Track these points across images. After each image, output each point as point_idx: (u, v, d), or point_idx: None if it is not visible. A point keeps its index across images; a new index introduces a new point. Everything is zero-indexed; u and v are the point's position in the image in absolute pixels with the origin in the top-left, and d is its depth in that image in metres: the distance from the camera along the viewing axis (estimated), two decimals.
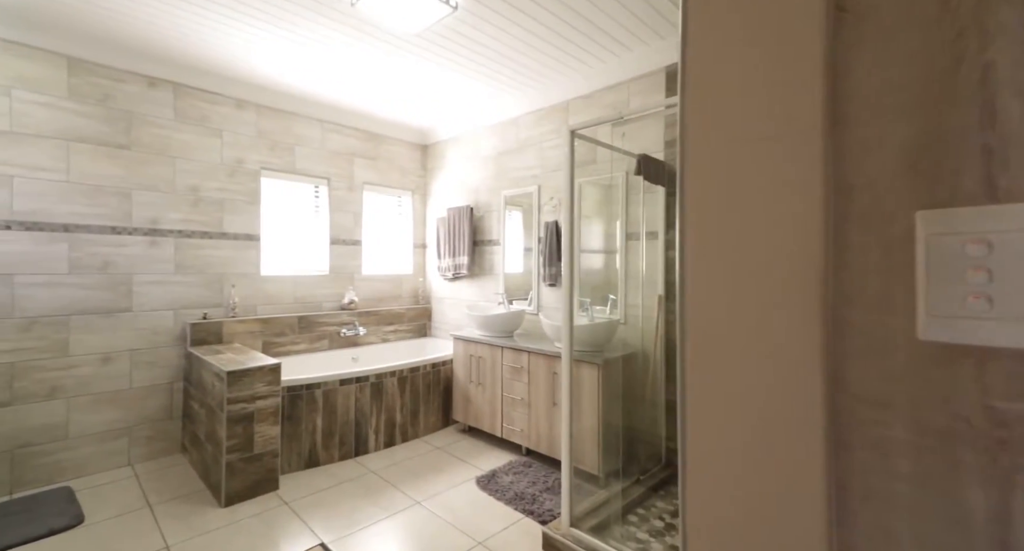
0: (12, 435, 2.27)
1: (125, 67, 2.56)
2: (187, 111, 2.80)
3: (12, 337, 2.27)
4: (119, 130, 2.56)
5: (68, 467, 2.42)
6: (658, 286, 2.46)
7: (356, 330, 3.50)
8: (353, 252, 3.64)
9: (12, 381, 2.27)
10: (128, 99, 2.59)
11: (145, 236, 2.65)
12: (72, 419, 2.44)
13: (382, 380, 2.85)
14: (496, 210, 3.48)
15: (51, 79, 2.35)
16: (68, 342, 2.42)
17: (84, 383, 2.47)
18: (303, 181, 3.37)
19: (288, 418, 2.50)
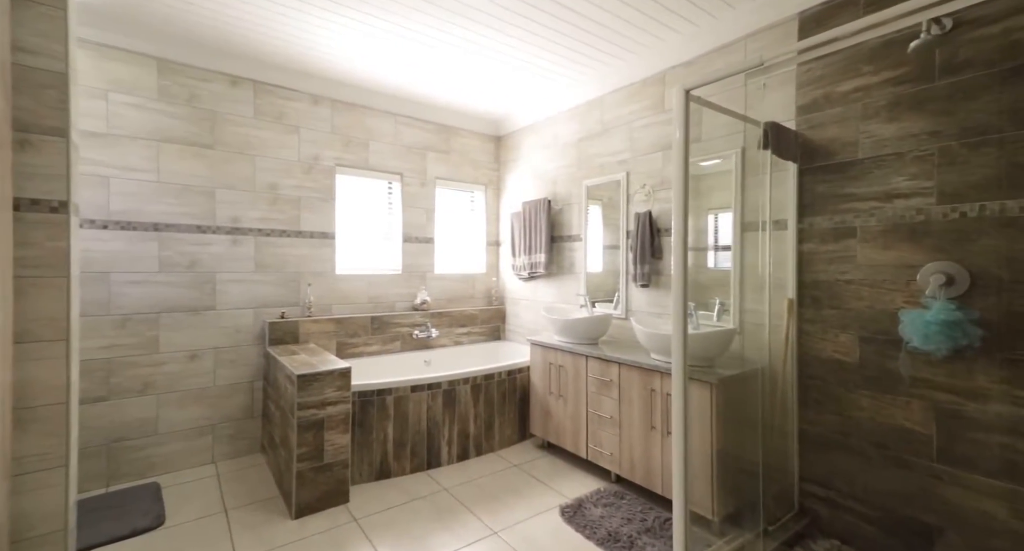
0: (109, 429, 2.34)
1: (210, 66, 2.58)
2: (265, 109, 2.78)
3: (109, 333, 2.34)
4: (204, 130, 2.58)
5: (158, 463, 2.47)
6: (788, 288, 1.98)
7: (428, 332, 3.34)
8: (425, 250, 3.49)
9: (109, 376, 2.34)
10: (212, 98, 2.60)
11: (227, 234, 2.66)
12: (161, 415, 2.48)
13: (455, 387, 2.63)
14: (577, 202, 3.14)
15: (142, 81, 2.41)
16: (158, 339, 2.47)
17: (172, 380, 2.51)
18: (376, 177, 3.27)
19: (359, 425, 2.35)
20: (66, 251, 1.57)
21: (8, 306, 1.43)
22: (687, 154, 1.50)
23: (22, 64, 1.48)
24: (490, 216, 3.88)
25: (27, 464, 1.50)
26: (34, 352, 1.51)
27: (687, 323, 1.53)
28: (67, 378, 1.58)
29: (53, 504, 1.55)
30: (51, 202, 1.53)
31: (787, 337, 1.93)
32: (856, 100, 1.82)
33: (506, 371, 2.86)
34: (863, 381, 1.79)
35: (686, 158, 1.49)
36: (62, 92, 1.55)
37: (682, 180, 1.49)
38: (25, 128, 1.49)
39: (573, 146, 3.16)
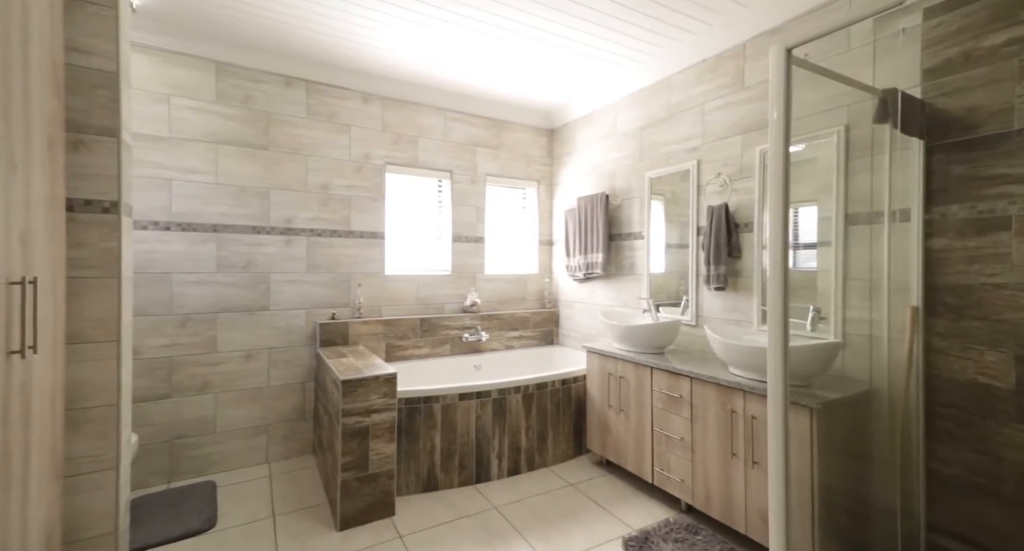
0: (171, 426, 2.39)
1: (264, 68, 2.58)
2: (318, 108, 2.76)
3: (170, 332, 2.39)
4: (259, 131, 2.60)
5: (216, 461, 2.50)
6: (911, 293, 1.61)
7: (478, 335, 3.20)
8: (475, 250, 3.35)
9: (171, 374, 2.40)
10: (267, 99, 2.61)
11: (281, 235, 2.66)
12: (219, 414, 2.51)
13: (505, 396, 2.46)
14: (638, 196, 2.86)
15: (202, 84, 2.44)
16: (216, 339, 2.50)
17: (229, 379, 2.54)
18: (426, 175, 3.18)
19: (406, 434, 2.24)
20: (117, 252, 1.56)
21: (60, 307, 1.44)
22: (788, 127, 1.21)
23: (75, 64, 1.48)
24: (543, 214, 3.68)
25: (80, 465, 1.50)
26: (86, 353, 1.51)
27: (787, 334, 1.25)
28: (118, 380, 1.56)
29: (105, 506, 1.53)
30: (103, 202, 1.52)
31: (910, 354, 1.57)
32: (1011, 56, 1.44)
33: (560, 380, 2.64)
34: (1019, 412, 1.41)
35: (787, 132, 1.21)
36: (113, 92, 1.53)
37: (782, 158, 1.21)
38: (78, 128, 1.49)
39: (634, 135, 2.88)
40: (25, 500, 1.17)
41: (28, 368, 1.18)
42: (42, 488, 1.28)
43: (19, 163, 1.13)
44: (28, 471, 1.19)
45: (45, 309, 1.29)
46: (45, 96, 1.28)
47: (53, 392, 1.36)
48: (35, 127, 1.21)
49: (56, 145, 1.36)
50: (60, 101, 1.39)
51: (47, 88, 1.30)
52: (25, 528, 1.17)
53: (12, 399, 1.09)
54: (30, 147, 1.18)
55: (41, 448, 1.28)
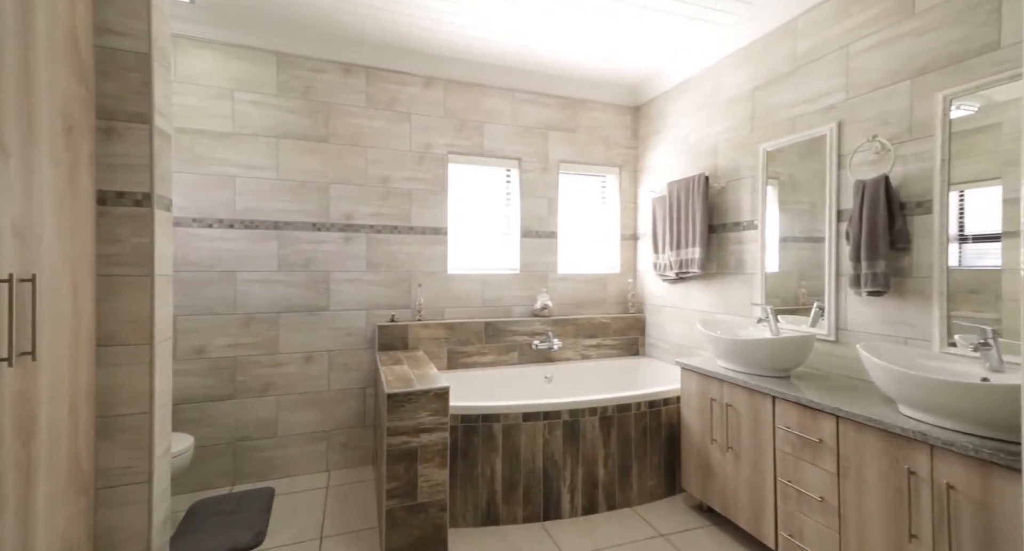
0: (235, 427, 2.35)
1: (324, 56, 2.47)
2: (377, 96, 2.59)
3: (235, 332, 2.35)
4: (318, 122, 2.48)
5: (277, 466, 2.42)
6: None
7: (550, 343, 2.83)
8: (547, 246, 2.99)
9: (235, 375, 2.36)
10: (327, 89, 2.49)
11: (340, 232, 2.53)
12: (281, 417, 2.43)
13: (578, 419, 2.06)
14: (748, 176, 2.30)
15: (263, 77, 2.38)
16: (278, 339, 2.43)
17: (290, 382, 2.45)
18: (491, 164, 2.89)
19: (462, 456, 1.95)
20: (150, 248, 1.44)
21: (86, 306, 1.34)
22: None
23: (108, 46, 1.37)
24: (626, 204, 3.21)
25: (112, 477, 1.39)
26: (119, 357, 1.40)
27: None
28: (150, 386, 1.45)
29: (137, 523, 1.42)
30: (135, 194, 1.40)
31: None
32: None
33: (647, 401, 2.18)
34: None
35: None
36: (145, 74, 1.41)
37: None
38: (110, 115, 1.37)
39: (744, 100, 2.32)
40: (25, 521, 1.05)
41: (27, 376, 1.05)
42: (55, 505, 1.16)
43: (12, 150, 0.99)
44: (31, 489, 1.06)
45: (60, 309, 1.18)
46: (58, 78, 1.16)
47: (74, 399, 1.25)
48: (39, 111, 1.09)
49: (78, 132, 1.26)
50: (85, 85, 1.29)
51: (62, 70, 1.18)
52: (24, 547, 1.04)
53: None
54: (31, 132, 1.06)
55: (52, 462, 1.16)
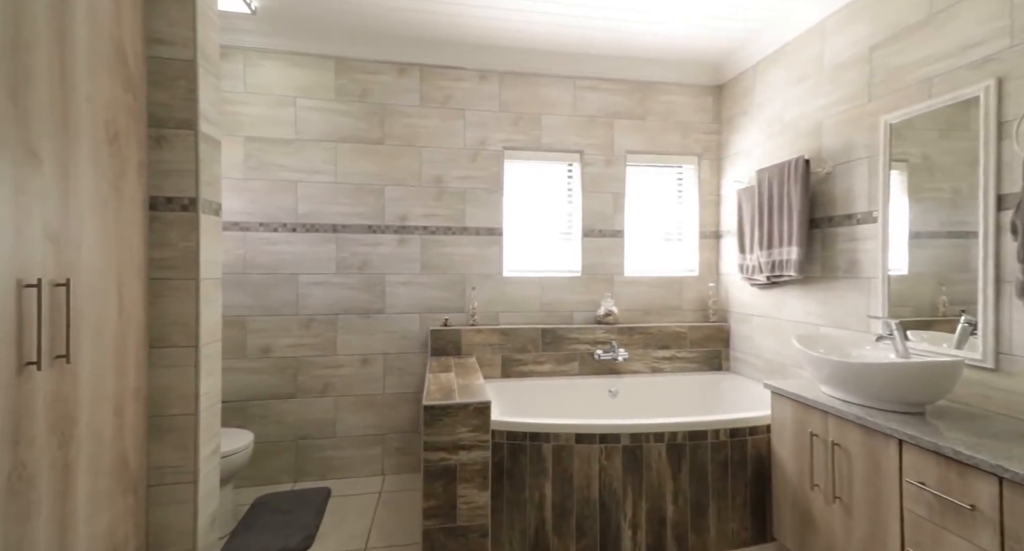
0: (297, 426, 2.42)
1: (379, 57, 2.46)
2: (431, 94, 2.52)
3: (296, 332, 2.42)
4: (374, 125, 2.48)
5: (335, 466, 2.45)
6: None
7: (615, 353, 2.56)
8: (612, 247, 2.72)
9: (297, 374, 2.42)
10: (382, 91, 2.48)
11: (395, 234, 2.50)
12: (339, 418, 2.46)
13: (640, 444, 1.79)
14: (865, 156, 1.86)
15: (322, 83, 2.42)
16: (336, 341, 2.46)
17: (348, 384, 2.47)
18: (550, 159, 2.69)
19: (508, 476, 1.78)
20: (195, 252, 1.47)
21: (137, 309, 1.39)
22: None
23: (158, 56, 1.41)
24: (705, 197, 2.83)
25: (162, 476, 1.42)
26: (169, 358, 1.43)
27: None
28: (196, 388, 1.48)
29: (183, 522, 1.44)
30: (182, 199, 1.43)
31: None
32: None
33: (728, 428, 1.84)
34: None
35: None
36: (191, 81, 1.43)
37: None
38: (160, 123, 1.41)
39: (858, 63, 1.88)
40: (62, 521, 1.07)
41: (63, 378, 1.07)
42: (97, 505, 1.19)
43: (45, 157, 1.01)
44: (69, 488, 1.09)
45: (103, 312, 1.21)
46: (102, 88, 1.20)
47: (119, 400, 1.29)
48: (79, 118, 1.12)
49: (125, 140, 1.30)
50: (133, 94, 1.33)
51: (107, 80, 1.21)
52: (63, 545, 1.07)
53: (29, 415, 0.98)
54: (68, 138, 1.08)
55: (97, 461, 1.19)
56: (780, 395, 1.73)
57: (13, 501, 0.94)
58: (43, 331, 0.99)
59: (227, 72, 2.32)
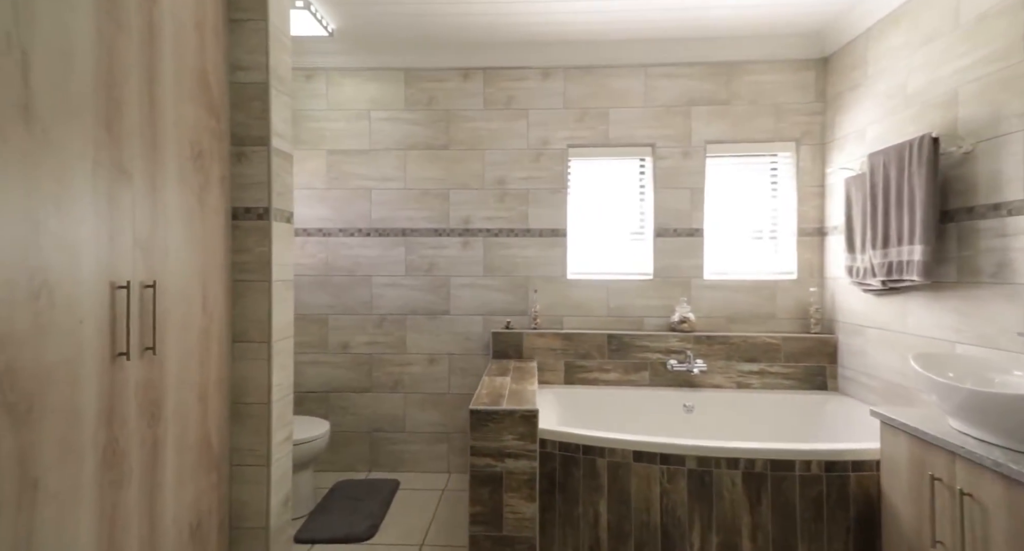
0: (371, 418, 2.57)
1: (444, 65, 2.52)
2: (495, 96, 2.53)
3: (371, 331, 2.57)
4: (440, 131, 2.54)
5: (405, 459, 2.56)
6: None
7: (691, 364, 2.33)
8: (689, 247, 2.48)
9: (371, 370, 2.58)
10: (447, 97, 2.54)
11: (459, 237, 2.54)
12: (408, 414, 2.57)
13: (710, 470, 1.59)
14: (1018, 129, 1.45)
15: (393, 94, 2.55)
16: (405, 340, 2.57)
17: (416, 381, 2.57)
18: (618, 155, 2.53)
19: (561, 489, 1.70)
20: (268, 256, 1.62)
21: (220, 307, 1.56)
22: None
23: (238, 81, 1.58)
24: (806, 189, 2.46)
25: (242, 457, 1.58)
26: (248, 352, 1.59)
27: None
28: (268, 379, 1.62)
29: (258, 500, 1.59)
30: (258, 209, 1.59)
31: None
32: None
33: (823, 461, 1.56)
34: None
35: None
36: (264, 102, 1.59)
37: None
38: (241, 141, 1.58)
39: (1012, 9, 1.48)
40: (151, 492, 1.24)
41: (151, 368, 1.24)
42: (183, 478, 1.36)
43: (135, 172, 1.17)
44: (157, 463, 1.26)
45: (187, 310, 1.38)
46: (188, 112, 1.36)
47: (203, 388, 1.46)
48: (166, 140, 1.28)
49: (208, 157, 1.46)
50: (216, 117, 1.50)
51: (191, 105, 1.38)
52: (152, 515, 1.23)
53: (122, 398, 1.15)
54: (156, 158, 1.25)
55: (182, 440, 1.36)
56: (892, 426, 1.42)
57: (108, 471, 1.10)
58: (132, 326, 1.15)
59: (312, 92, 2.55)
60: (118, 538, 1.12)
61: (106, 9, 1.08)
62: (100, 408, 1.07)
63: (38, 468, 0.94)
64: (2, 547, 0.88)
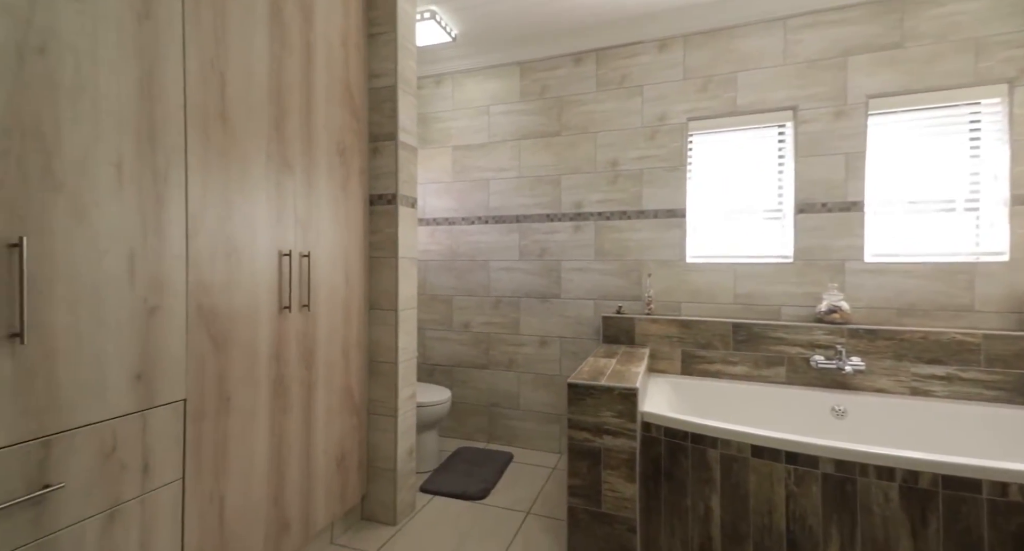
0: (489, 393, 2.75)
1: (556, 53, 2.56)
2: (607, 77, 2.47)
3: (488, 312, 2.75)
4: (552, 118, 2.59)
5: (518, 435, 2.68)
6: None
7: (842, 362, 1.97)
8: (842, 224, 2.09)
9: (488, 349, 2.76)
10: (559, 84, 2.57)
11: (571, 221, 2.56)
12: (521, 392, 2.68)
13: (853, 477, 1.33)
14: None
15: (509, 88, 2.68)
16: (519, 322, 2.69)
17: (528, 362, 2.66)
18: (749, 124, 2.26)
19: (667, 478, 1.60)
20: (395, 236, 1.86)
21: (359, 279, 1.85)
22: None
23: (375, 87, 1.86)
24: (1020, 145, 1.88)
25: (376, 407, 1.87)
26: (380, 318, 1.87)
27: None
28: (395, 343, 1.86)
29: (387, 446, 1.86)
30: (387, 195, 1.84)
31: None
32: None
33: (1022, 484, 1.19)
34: None
35: None
36: (393, 103, 1.84)
37: None
38: (375, 138, 1.86)
39: None
40: (307, 423, 1.54)
41: (307, 321, 1.53)
42: (331, 416, 1.65)
43: (296, 165, 1.47)
44: (311, 400, 1.55)
45: (333, 278, 1.67)
46: (335, 115, 1.65)
47: (346, 345, 1.74)
48: (318, 139, 1.58)
49: (350, 153, 1.75)
50: (357, 119, 1.78)
51: (338, 108, 1.67)
52: (308, 442, 1.53)
53: (286, 343, 1.45)
54: (311, 153, 1.54)
55: (331, 385, 1.65)
56: None
57: (277, 399, 1.40)
58: (293, 286, 1.45)
59: (440, 95, 2.83)
60: (284, 454, 1.42)
61: (277, 34, 1.38)
62: (271, 348, 1.38)
63: (230, 387, 1.25)
64: (208, 443, 1.19)
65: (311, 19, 1.52)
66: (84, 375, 0.93)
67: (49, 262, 0.87)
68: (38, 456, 0.86)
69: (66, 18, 0.89)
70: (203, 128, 1.16)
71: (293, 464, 1.46)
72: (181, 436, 1.12)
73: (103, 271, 0.96)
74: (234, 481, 1.25)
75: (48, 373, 0.87)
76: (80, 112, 0.92)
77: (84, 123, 0.92)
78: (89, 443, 0.94)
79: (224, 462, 1.22)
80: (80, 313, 0.92)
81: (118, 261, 0.98)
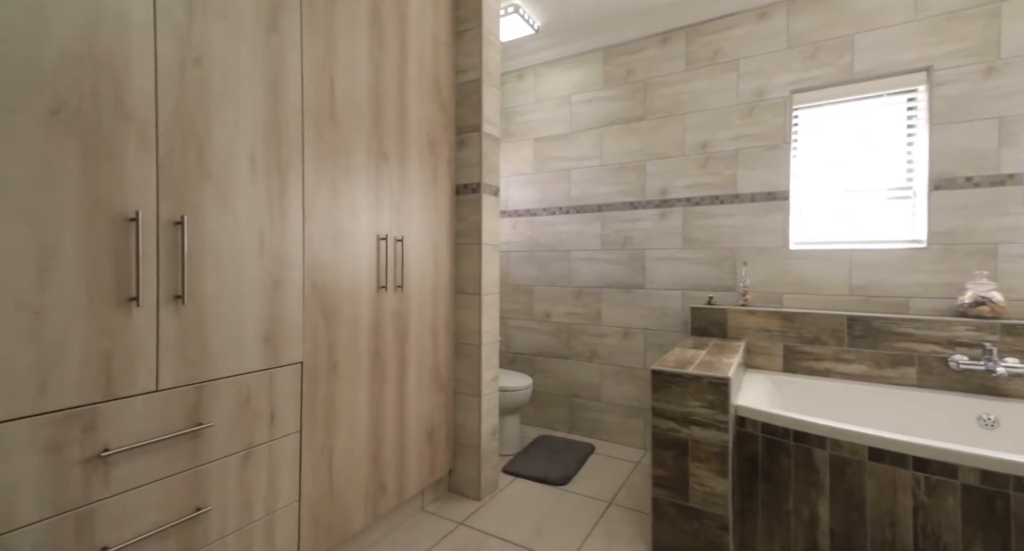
0: (570, 384, 2.75)
1: (642, 34, 2.47)
2: (698, 54, 2.34)
3: (569, 302, 2.74)
4: (637, 103, 2.51)
5: (600, 428, 2.65)
6: None
7: (993, 363, 1.66)
8: (994, 201, 1.76)
9: (569, 339, 2.75)
10: (645, 67, 2.48)
11: (656, 208, 2.46)
12: (603, 384, 2.64)
13: (1006, 490, 1.12)
14: None
15: (592, 76, 2.64)
16: (600, 313, 2.64)
17: (611, 353, 2.61)
18: (869, 91, 1.99)
19: (765, 477, 1.48)
20: (478, 223, 1.93)
21: (446, 264, 1.94)
22: None
23: (461, 82, 1.95)
24: None
25: (462, 386, 1.97)
26: (465, 302, 1.96)
27: None
28: (479, 326, 1.94)
29: (471, 424, 1.95)
30: (472, 185, 1.93)
31: None
32: None
33: None
34: None
35: None
36: (477, 96, 1.91)
37: None
38: (461, 130, 1.95)
39: None
40: (401, 394, 1.66)
41: (401, 301, 1.66)
42: (421, 391, 1.77)
43: (391, 156, 1.60)
44: (404, 374, 1.68)
45: (423, 262, 1.78)
46: (425, 109, 1.76)
47: (435, 326, 1.85)
48: (410, 132, 1.69)
49: (439, 144, 1.85)
50: (445, 113, 1.88)
51: (428, 103, 1.78)
52: (401, 412, 1.65)
53: (383, 320, 1.58)
54: (404, 145, 1.66)
55: (421, 362, 1.77)
56: None
57: (375, 370, 1.53)
58: (388, 268, 1.58)
59: (522, 89, 2.88)
60: (381, 420, 1.56)
61: (376, 35, 1.51)
62: (370, 323, 1.51)
63: (337, 355, 1.39)
64: (320, 402, 1.34)
65: (405, 20, 1.64)
66: (226, 334, 1.10)
67: (201, 238, 1.05)
68: (193, 399, 1.04)
69: (216, 32, 1.07)
70: (316, 125, 1.31)
71: (389, 431, 1.59)
72: (299, 394, 1.28)
73: (240, 247, 1.13)
74: (341, 439, 1.40)
75: (200, 330, 1.05)
76: (225, 113, 1.09)
77: (228, 122, 1.09)
78: (230, 392, 1.11)
79: (333, 421, 1.37)
80: (224, 282, 1.09)
81: (251, 239, 1.15)
